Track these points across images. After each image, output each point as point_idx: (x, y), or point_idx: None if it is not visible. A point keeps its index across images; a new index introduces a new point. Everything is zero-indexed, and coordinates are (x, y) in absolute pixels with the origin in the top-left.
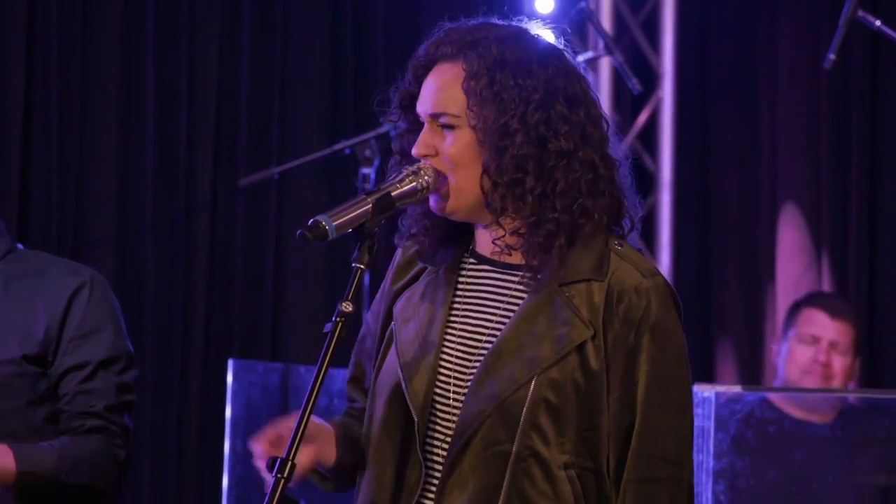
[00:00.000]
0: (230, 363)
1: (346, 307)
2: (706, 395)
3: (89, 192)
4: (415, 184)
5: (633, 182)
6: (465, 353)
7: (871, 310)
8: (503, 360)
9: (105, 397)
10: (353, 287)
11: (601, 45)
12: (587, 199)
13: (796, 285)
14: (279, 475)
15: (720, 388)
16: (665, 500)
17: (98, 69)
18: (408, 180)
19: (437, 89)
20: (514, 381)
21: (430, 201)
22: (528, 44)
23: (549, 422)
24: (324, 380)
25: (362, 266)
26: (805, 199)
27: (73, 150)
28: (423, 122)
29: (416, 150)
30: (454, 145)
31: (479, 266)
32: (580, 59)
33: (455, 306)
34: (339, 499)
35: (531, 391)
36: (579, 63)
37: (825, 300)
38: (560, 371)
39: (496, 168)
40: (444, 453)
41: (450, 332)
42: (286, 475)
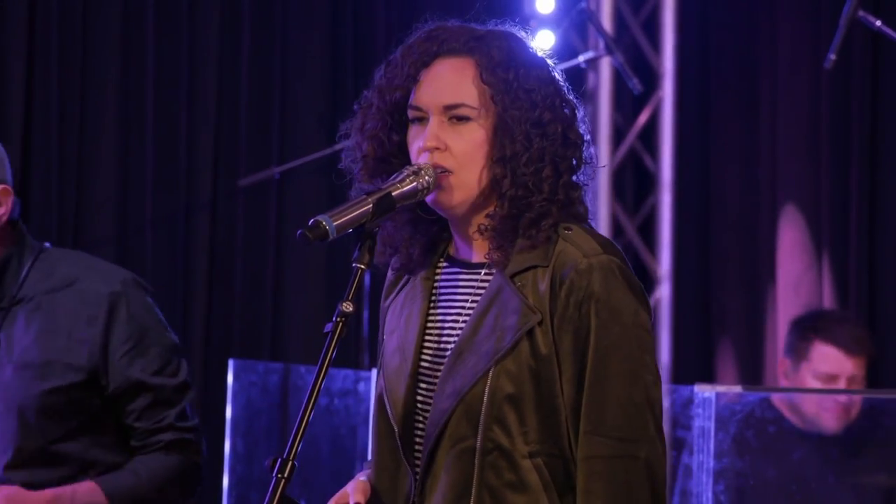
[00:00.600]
0: (230, 363)
1: (347, 307)
2: (707, 395)
3: (89, 192)
4: (415, 184)
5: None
6: (441, 357)
7: (872, 310)
8: (462, 357)
9: (171, 406)
10: (354, 287)
11: (601, 45)
12: (569, 189)
13: (797, 285)
14: (279, 475)
15: (720, 389)
16: (616, 479)
17: (98, 69)
18: (408, 180)
19: (452, 81)
20: (472, 375)
21: (430, 198)
22: (524, 42)
23: (510, 412)
24: (324, 380)
25: (363, 266)
26: (805, 198)
27: (73, 150)
28: (424, 115)
29: (425, 142)
30: (467, 139)
31: (452, 269)
32: (581, 59)
33: (431, 312)
34: None
35: (489, 383)
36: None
37: (839, 334)
38: (514, 360)
39: (527, 159)
40: None
41: (428, 339)
42: (286, 475)
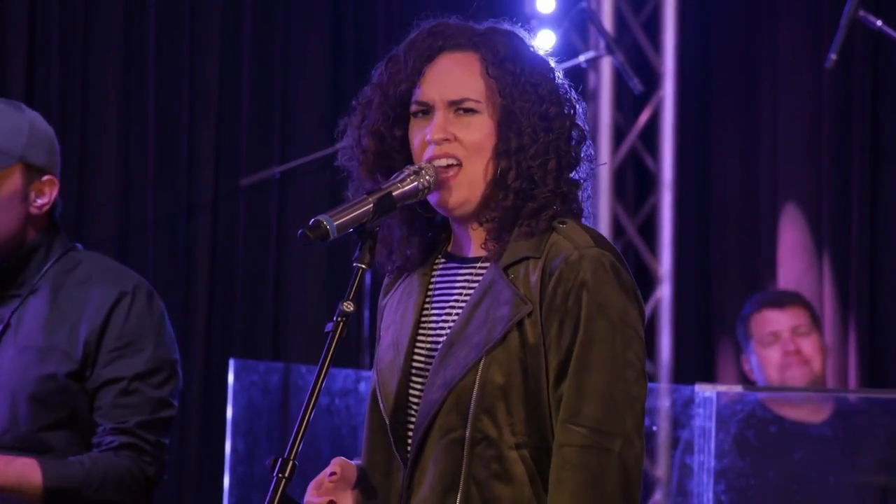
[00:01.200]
0: (231, 363)
1: (348, 307)
2: (707, 395)
3: (90, 192)
4: (416, 183)
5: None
6: (434, 350)
7: (872, 309)
8: (454, 349)
9: (140, 413)
10: (354, 287)
11: (602, 44)
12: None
13: (797, 285)
14: (280, 475)
15: (721, 389)
16: (588, 469)
17: (99, 69)
18: (409, 180)
19: (458, 76)
20: (463, 366)
21: (433, 197)
22: (525, 40)
23: (499, 403)
24: (325, 379)
25: (363, 266)
26: (806, 198)
27: (73, 150)
28: (427, 110)
29: (433, 135)
30: (476, 131)
31: (449, 264)
32: (581, 58)
33: (426, 307)
34: None
35: (479, 374)
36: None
37: (765, 298)
38: (504, 351)
39: (534, 152)
40: None
41: (422, 334)
42: (287, 475)
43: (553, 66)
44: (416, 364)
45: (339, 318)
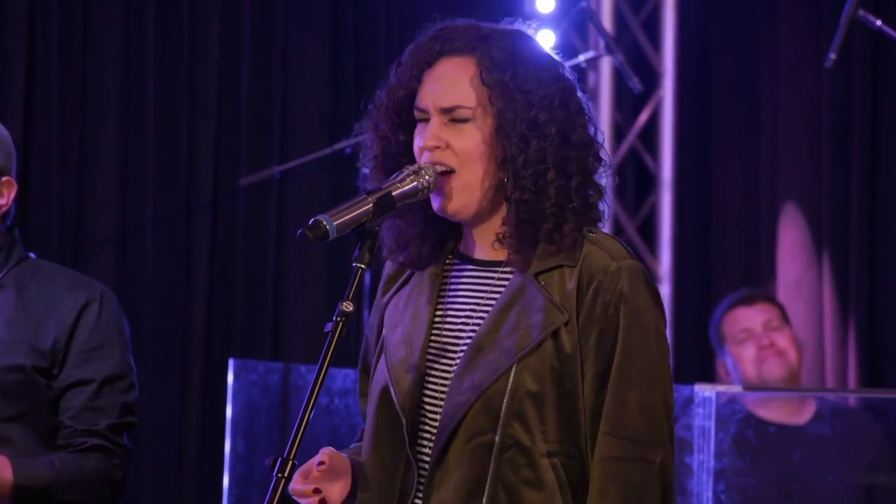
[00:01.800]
0: (231, 362)
1: (347, 307)
2: (707, 394)
3: (90, 192)
4: (416, 183)
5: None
6: (451, 351)
7: (872, 309)
8: (483, 353)
9: (109, 416)
10: (354, 287)
11: (602, 44)
12: (586, 193)
13: (797, 285)
14: (279, 475)
15: (721, 388)
16: (630, 481)
17: (98, 69)
18: (409, 180)
19: (451, 83)
20: (493, 371)
21: (434, 202)
22: (531, 41)
23: (531, 409)
24: (324, 379)
25: (363, 266)
26: (806, 198)
27: (73, 150)
28: (427, 116)
29: (425, 142)
30: (468, 139)
31: (463, 266)
32: (581, 58)
33: (440, 307)
34: None
35: (511, 380)
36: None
37: (732, 299)
38: (538, 358)
39: (524, 160)
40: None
41: (436, 333)
42: (286, 475)
43: (560, 69)
44: (431, 365)
45: (339, 318)
